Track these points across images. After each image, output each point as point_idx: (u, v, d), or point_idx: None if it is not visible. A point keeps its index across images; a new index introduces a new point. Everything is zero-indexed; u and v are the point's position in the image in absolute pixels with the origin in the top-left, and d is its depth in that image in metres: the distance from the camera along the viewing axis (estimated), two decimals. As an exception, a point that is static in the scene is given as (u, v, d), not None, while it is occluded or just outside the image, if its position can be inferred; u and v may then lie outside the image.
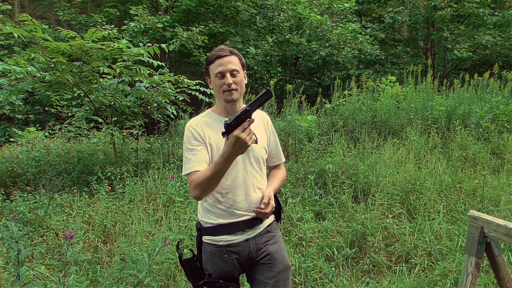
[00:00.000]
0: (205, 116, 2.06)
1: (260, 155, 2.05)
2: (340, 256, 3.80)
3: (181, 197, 4.67)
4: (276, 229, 2.15)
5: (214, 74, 1.96)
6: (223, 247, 1.98)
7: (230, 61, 1.95)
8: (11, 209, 4.51)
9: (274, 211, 2.16)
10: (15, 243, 2.39)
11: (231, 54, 1.97)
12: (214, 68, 1.96)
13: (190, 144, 1.97)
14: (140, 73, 5.81)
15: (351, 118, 7.31)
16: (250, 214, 2.00)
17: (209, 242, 2.01)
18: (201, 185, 1.85)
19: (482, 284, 3.34)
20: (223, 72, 1.93)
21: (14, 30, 4.78)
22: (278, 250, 2.07)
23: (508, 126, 7.04)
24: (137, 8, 10.62)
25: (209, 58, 1.99)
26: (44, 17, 16.91)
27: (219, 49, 1.98)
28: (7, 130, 12.43)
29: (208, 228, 2.02)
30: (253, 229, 2.02)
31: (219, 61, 1.94)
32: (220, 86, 1.95)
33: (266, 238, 2.06)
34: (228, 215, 1.98)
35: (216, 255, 2.00)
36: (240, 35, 12.60)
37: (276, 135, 2.26)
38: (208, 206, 2.01)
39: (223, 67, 1.93)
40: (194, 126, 1.99)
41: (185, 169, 1.94)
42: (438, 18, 13.50)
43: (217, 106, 2.08)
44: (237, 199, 1.97)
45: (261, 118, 2.16)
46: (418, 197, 4.75)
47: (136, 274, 3.17)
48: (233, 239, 1.99)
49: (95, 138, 7.80)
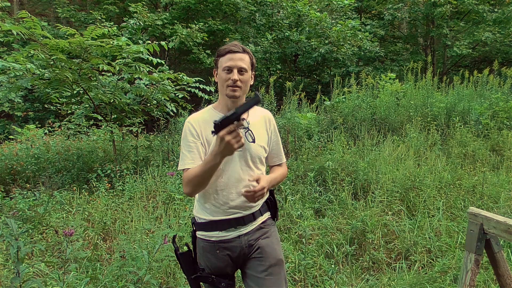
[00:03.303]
0: (205, 112, 2.06)
1: (257, 154, 2.04)
2: (339, 253, 3.81)
3: (181, 195, 4.67)
4: (271, 225, 2.14)
5: (222, 67, 1.95)
6: (215, 243, 1.99)
7: (240, 58, 1.94)
8: (11, 206, 4.50)
9: (270, 208, 2.16)
10: (15, 240, 2.39)
11: (243, 51, 1.96)
12: (223, 61, 1.95)
13: (186, 140, 1.97)
14: (139, 70, 5.79)
15: (350, 115, 7.31)
16: (243, 212, 2.00)
17: (202, 237, 2.03)
18: (192, 182, 1.86)
19: (482, 280, 3.34)
20: (231, 67, 1.92)
21: (13, 27, 4.76)
22: (270, 244, 2.07)
23: (508, 122, 7.04)
24: (137, 5, 10.59)
25: (221, 51, 1.98)
26: (43, 14, 16.87)
27: (233, 44, 1.97)
28: (7, 128, 12.40)
29: (201, 223, 2.03)
30: (246, 225, 2.02)
31: (230, 56, 1.93)
32: (225, 80, 1.94)
33: (259, 234, 2.06)
34: (221, 212, 1.98)
35: (208, 251, 2.01)
36: (239, 32, 12.59)
37: (278, 135, 2.24)
38: (203, 202, 2.01)
39: (233, 62, 1.93)
40: (192, 122, 1.99)
41: (180, 165, 1.97)
42: (437, 15, 13.48)
43: (219, 102, 2.06)
44: (231, 197, 1.97)
45: (262, 116, 2.13)
46: (418, 194, 4.75)
47: (136, 271, 3.17)
48: (225, 235, 1.99)
49: (95, 135, 7.78)
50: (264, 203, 2.13)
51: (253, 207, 2.04)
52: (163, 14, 11.23)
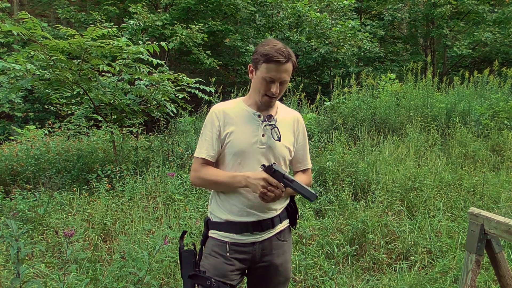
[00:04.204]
0: (233, 104, 2.01)
1: (282, 154, 1.95)
2: (340, 254, 3.80)
3: (181, 195, 4.67)
4: (287, 237, 2.05)
5: (264, 74, 1.84)
6: (227, 244, 1.92)
7: (286, 70, 1.84)
8: (11, 207, 4.50)
9: (290, 215, 2.06)
10: (15, 241, 2.39)
11: (288, 61, 1.84)
12: (267, 69, 1.82)
13: (206, 128, 1.96)
14: (139, 71, 5.79)
15: (350, 116, 7.31)
16: (261, 215, 1.91)
17: (215, 236, 1.95)
18: (207, 182, 1.91)
19: (483, 281, 3.34)
20: (275, 79, 1.84)
21: (13, 28, 4.76)
22: (284, 262, 2.01)
23: (508, 123, 7.04)
24: (137, 6, 10.59)
25: (268, 54, 1.81)
26: (43, 15, 16.86)
27: (280, 51, 1.81)
28: (7, 128, 12.40)
29: (216, 222, 1.96)
30: (263, 233, 1.93)
31: (276, 67, 1.81)
32: (265, 90, 1.87)
33: (275, 247, 1.97)
34: (239, 213, 1.90)
35: (218, 250, 1.92)
36: (239, 33, 12.59)
37: (307, 138, 2.14)
38: (221, 200, 1.95)
39: (278, 74, 1.83)
40: (216, 111, 1.95)
41: (196, 152, 1.96)
42: (437, 15, 13.49)
43: (250, 97, 1.99)
44: (249, 196, 1.88)
45: (292, 116, 2.06)
46: (418, 194, 4.75)
47: (136, 272, 3.17)
48: (240, 238, 1.92)
49: (95, 136, 7.77)
50: (284, 209, 2.02)
51: (272, 210, 1.95)
52: (163, 14, 11.23)
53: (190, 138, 6.69)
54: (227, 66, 14.16)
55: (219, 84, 8.38)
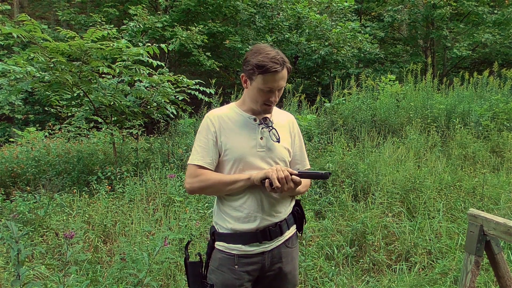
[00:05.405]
0: (227, 109, 1.96)
1: (282, 155, 1.92)
2: (340, 255, 3.80)
3: (181, 197, 4.67)
4: (295, 244, 2.03)
5: (261, 85, 1.80)
6: (235, 256, 1.85)
7: (282, 77, 1.80)
8: (11, 209, 4.51)
9: (297, 220, 2.04)
10: (15, 243, 2.39)
11: (283, 67, 1.79)
12: (265, 80, 1.78)
13: (201, 135, 1.90)
14: (139, 72, 5.80)
15: (350, 117, 7.31)
16: (269, 219, 1.87)
17: (222, 249, 1.88)
18: (209, 182, 1.82)
19: (482, 282, 3.34)
20: (273, 89, 1.81)
21: (13, 30, 4.77)
22: (292, 270, 1.99)
23: (508, 124, 7.05)
24: (136, 8, 10.60)
25: (264, 65, 1.75)
26: (43, 17, 16.89)
27: (275, 60, 1.76)
28: (7, 130, 12.42)
29: (222, 234, 1.89)
30: (272, 241, 1.89)
31: (273, 77, 1.77)
32: (263, 100, 1.84)
33: (283, 254, 1.94)
34: (245, 219, 1.84)
35: (226, 264, 1.86)
36: (239, 35, 12.59)
37: (302, 140, 2.11)
38: (225, 207, 1.89)
39: (276, 83, 1.80)
40: (211, 117, 1.91)
41: (190, 158, 1.89)
42: (437, 17, 13.50)
43: (244, 102, 1.94)
44: (256, 202, 1.84)
45: (286, 118, 2.04)
46: (418, 195, 4.75)
47: (136, 274, 3.17)
48: (248, 250, 1.85)
49: (95, 138, 7.79)
50: (290, 215, 2.00)
51: (278, 213, 1.91)
52: (163, 16, 11.24)
53: (190, 139, 6.70)
54: (227, 68, 14.16)
55: (219, 86, 8.38)
